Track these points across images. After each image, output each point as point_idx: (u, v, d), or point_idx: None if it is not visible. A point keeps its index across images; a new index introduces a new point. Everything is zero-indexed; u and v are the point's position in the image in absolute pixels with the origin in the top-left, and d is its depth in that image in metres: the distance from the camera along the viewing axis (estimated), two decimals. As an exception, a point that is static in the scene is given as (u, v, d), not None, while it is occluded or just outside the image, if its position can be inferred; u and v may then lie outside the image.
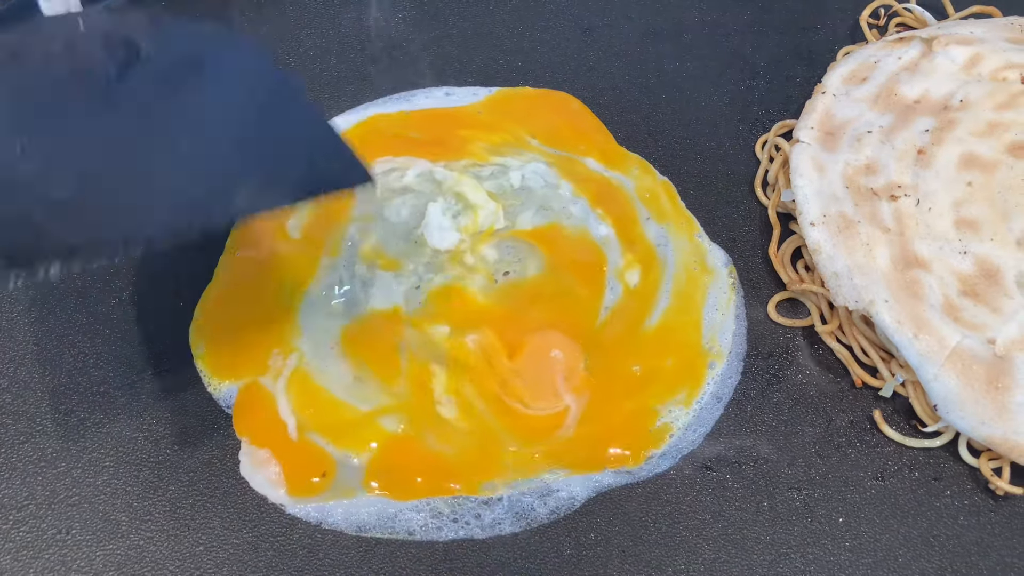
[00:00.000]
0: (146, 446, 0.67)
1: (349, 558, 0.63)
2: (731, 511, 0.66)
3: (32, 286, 0.74)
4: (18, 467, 0.66)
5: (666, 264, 0.76)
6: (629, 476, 0.67)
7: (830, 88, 0.83)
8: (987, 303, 0.69)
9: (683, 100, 0.87)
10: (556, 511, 0.65)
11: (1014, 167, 0.74)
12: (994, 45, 0.82)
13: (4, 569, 0.62)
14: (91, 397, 0.69)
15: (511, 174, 0.79)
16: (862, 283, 0.70)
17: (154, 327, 0.72)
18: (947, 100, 0.79)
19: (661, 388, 0.70)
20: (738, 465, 0.68)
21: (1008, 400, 0.66)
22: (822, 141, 0.79)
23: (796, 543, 0.65)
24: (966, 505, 0.67)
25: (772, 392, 0.71)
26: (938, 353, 0.67)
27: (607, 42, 0.91)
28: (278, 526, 0.64)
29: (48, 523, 0.64)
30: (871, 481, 0.68)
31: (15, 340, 0.72)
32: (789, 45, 0.91)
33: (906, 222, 0.73)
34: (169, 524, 0.64)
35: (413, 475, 0.66)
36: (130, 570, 0.63)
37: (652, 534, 0.65)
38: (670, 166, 0.82)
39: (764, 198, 0.81)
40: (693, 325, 0.73)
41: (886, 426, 0.70)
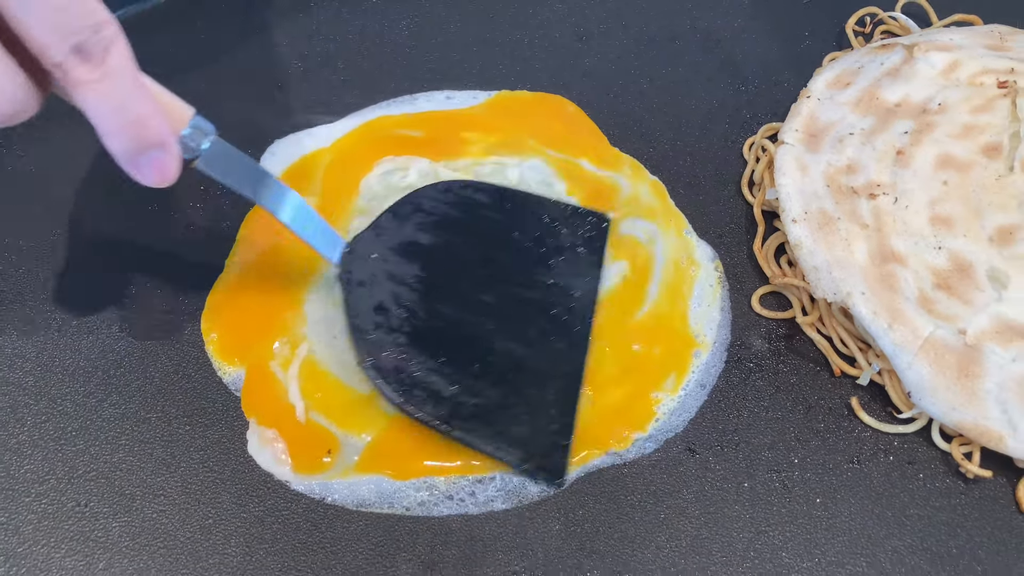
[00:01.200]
0: (159, 426, 0.71)
1: (350, 531, 0.67)
2: (713, 491, 0.69)
3: (47, 277, 0.78)
4: (40, 444, 0.70)
5: (655, 258, 0.80)
6: (616, 457, 0.70)
7: (815, 92, 0.87)
8: (959, 296, 0.72)
9: (674, 104, 0.91)
10: (546, 490, 0.69)
11: (988, 167, 0.77)
12: (972, 51, 0.86)
13: (27, 538, 0.66)
14: (108, 380, 0.73)
15: (509, 171, 0.83)
16: (840, 276, 0.74)
17: (167, 316, 0.76)
18: (926, 104, 0.83)
19: (649, 375, 0.74)
20: (720, 448, 0.71)
21: (978, 387, 0.69)
22: (806, 143, 0.82)
23: (775, 521, 0.68)
24: (938, 487, 0.70)
25: (754, 380, 0.75)
26: (912, 343, 0.70)
27: (602, 49, 0.95)
28: (284, 501, 0.68)
29: (67, 496, 0.68)
30: (848, 464, 0.71)
31: (37, 326, 0.76)
32: (777, 52, 0.95)
33: (884, 219, 0.76)
34: (181, 498, 0.68)
35: (412, 455, 0.69)
36: (143, 540, 0.66)
37: (637, 512, 0.68)
38: (661, 166, 0.86)
39: (750, 197, 0.85)
40: (680, 316, 0.77)
41: (863, 413, 0.73)
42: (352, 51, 0.94)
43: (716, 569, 0.66)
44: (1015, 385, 0.68)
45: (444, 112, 0.88)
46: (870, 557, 0.66)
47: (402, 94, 0.90)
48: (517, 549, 0.66)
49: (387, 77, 0.92)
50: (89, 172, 0.85)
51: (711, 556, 0.66)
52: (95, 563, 0.65)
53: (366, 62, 0.93)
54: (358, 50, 0.94)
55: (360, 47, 0.95)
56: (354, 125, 0.86)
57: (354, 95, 0.90)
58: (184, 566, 0.65)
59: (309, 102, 0.90)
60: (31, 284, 0.78)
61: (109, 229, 0.82)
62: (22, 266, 0.79)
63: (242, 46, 0.94)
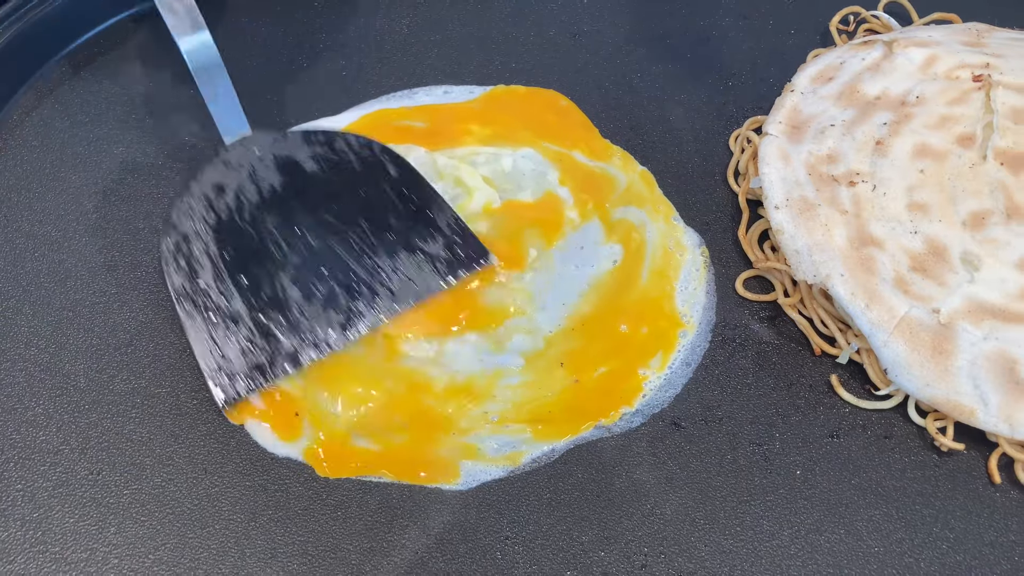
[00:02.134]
0: (168, 400, 0.75)
1: (349, 499, 0.70)
2: (697, 463, 0.72)
3: (60, 260, 0.82)
4: (54, 417, 0.74)
5: (644, 244, 0.83)
6: (604, 431, 0.74)
7: (798, 87, 0.90)
8: (934, 277, 0.75)
9: (664, 98, 0.94)
10: (537, 460, 0.72)
11: (962, 156, 0.81)
12: (950, 47, 0.89)
13: (42, 504, 0.70)
14: (120, 357, 0.77)
15: (504, 160, 0.86)
16: (820, 260, 0.77)
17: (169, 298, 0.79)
18: (904, 96, 0.86)
19: (637, 354, 0.77)
20: (704, 422, 0.74)
21: (950, 364, 0.72)
22: (788, 134, 0.86)
23: (757, 492, 0.71)
24: (913, 460, 0.73)
25: (738, 359, 0.78)
26: (888, 322, 0.74)
27: (595, 46, 0.99)
28: (286, 470, 0.71)
29: (81, 466, 0.71)
30: (827, 439, 0.74)
31: (52, 307, 0.79)
32: (764, 49, 0.99)
33: (863, 205, 0.80)
34: (188, 468, 0.71)
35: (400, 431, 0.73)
36: (153, 507, 0.70)
37: (624, 482, 0.71)
38: (650, 157, 0.89)
39: (735, 186, 0.88)
40: (667, 298, 0.80)
41: (842, 389, 0.76)
42: (353, 48, 0.98)
43: (700, 536, 0.69)
44: (986, 362, 0.71)
45: (442, 105, 0.91)
46: (848, 525, 0.69)
47: (401, 89, 0.94)
48: (508, 516, 0.69)
49: (387, 73, 0.96)
50: (97, 161, 0.89)
51: (695, 524, 0.69)
52: (107, 528, 0.69)
53: (367, 59, 0.97)
54: (359, 47, 0.98)
55: (361, 44, 0.98)
56: (356, 117, 0.90)
57: (355, 91, 0.94)
58: (191, 531, 0.68)
59: (311, 98, 0.94)
60: (45, 267, 0.82)
61: (119, 214, 0.85)
62: (36, 250, 0.83)
63: (246, 45, 0.98)
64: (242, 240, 0.77)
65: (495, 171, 0.86)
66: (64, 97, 0.93)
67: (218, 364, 0.73)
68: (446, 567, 0.67)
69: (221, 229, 0.77)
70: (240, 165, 0.79)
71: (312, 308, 0.75)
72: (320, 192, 0.79)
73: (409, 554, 0.68)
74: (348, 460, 0.71)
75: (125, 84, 0.95)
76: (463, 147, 0.87)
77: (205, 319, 0.74)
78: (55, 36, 0.95)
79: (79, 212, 0.85)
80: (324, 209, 0.79)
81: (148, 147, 0.90)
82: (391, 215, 0.79)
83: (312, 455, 0.71)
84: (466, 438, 0.72)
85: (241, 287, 0.75)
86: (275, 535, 0.68)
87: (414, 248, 0.78)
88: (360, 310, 0.76)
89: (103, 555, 0.67)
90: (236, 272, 0.76)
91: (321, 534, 0.68)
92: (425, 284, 0.77)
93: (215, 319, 0.74)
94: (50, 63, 0.95)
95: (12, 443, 0.72)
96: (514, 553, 0.68)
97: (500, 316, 0.78)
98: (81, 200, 0.86)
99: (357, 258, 0.77)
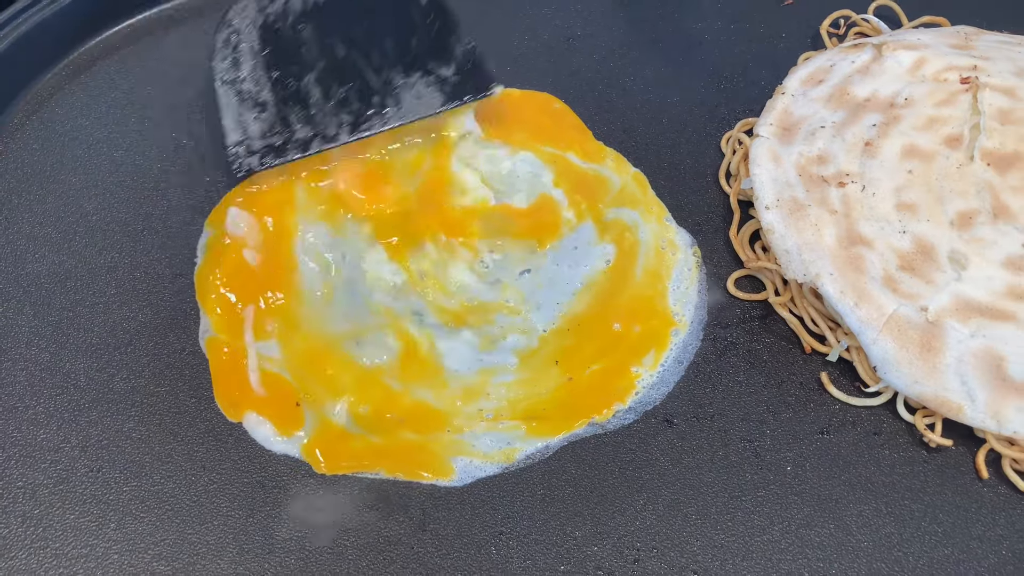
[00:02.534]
0: (167, 398, 0.76)
1: (346, 496, 0.71)
2: (689, 459, 0.73)
3: (60, 260, 0.83)
4: (55, 415, 0.75)
5: (637, 244, 0.84)
6: (598, 428, 0.75)
7: (789, 89, 0.91)
8: (922, 276, 0.77)
9: (656, 101, 0.96)
10: (531, 457, 0.73)
11: (950, 157, 0.82)
12: (938, 50, 0.91)
13: (42, 501, 0.71)
14: (119, 356, 0.78)
15: (502, 163, 0.88)
16: (810, 259, 0.78)
17: (176, 296, 0.81)
18: (893, 98, 0.88)
19: (629, 352, 0.78)
20: (696, 420, 0.75)
21: (939, 361, 0.73)
22: (779, 136, 0.87)
23: (748, 487, 0.72)
24: (902, 456, 0.74)
25: (729, 357, 0.79)
26: (877, 320, 0.75)
27: (588, 49, 1.00)
28: (284, 467, 0.72)
29: (81, 463, 0.72)
30: (817, 435, 0.75)
31: (53, 307, 0.81)
32: (755, 52, 1.00)
33: (852, 205, 0.81)
34: (187, 465, 0.72)
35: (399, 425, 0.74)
36: (152, 504, 0.71)
37: (617, 478, 0.72)
38: (643, 159, 0.91)
39: (727, 187, 0.89)
40: (660, 297, 0.81)
41: (832, 387, 0.77)
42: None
43: (692, 531, 0.70)
44: (973, 359, 0.73)
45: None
46: (838, 520, 0.70)
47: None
48: (503, 512, 0.70)
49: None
50: (97, 164, 0.90)
51: (687, 519, 0.70)
52: (107, 524, 0.69)
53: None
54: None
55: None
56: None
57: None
58: (189, 527, 0.69)
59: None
60: (46, 268, 0.83)
61: (118, 217, 0.86)
62: (37, 251, 0.84)
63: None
64: (281, 41, 0.89)
65: (492, 172, 0.87)
66: (65, 101, 0.94)
67: (240, 139, 0.84)
68: (441, 562, 0.68)
69: (266, 28, 0.90)
70: None
71: (328, 106, 0.85)
72: (356, 8, 0.91)
73: (405, 549, 0.69)
74: (344, 457, 0.72)
75: (125, 89, 0.96)
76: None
77: (239, 100, 0.86)
78: (56, 41, 0.96)
79: (79, 214, 0.86)
80: (356, 24, 0.90)
81: (148, 150, 0.91)
82: (413, 37, 0.89)
83: (309, 452, 0.72)
84: (461, 435, 0.73)
85: (272, 79, 0.87)
86: (272, 531, 0.69)
87: (428, 70, 0.86)
88: (368, 115, 0.84)
89: (103, 551, 0.68)
90: (271, 67, 0.87)
91: (319, 529, 0.69)
92: (430, 102, 0.84)
93: (247, 102, 0.86)
94: (51, 67, 0.96)
95: (13, 441, 0.73)
96: (509, 548, 0.69)
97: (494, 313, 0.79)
98: (81, 202, 0.87)
99: (375, 71, 0.86)
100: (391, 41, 0.88)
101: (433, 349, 0.77)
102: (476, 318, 0.79)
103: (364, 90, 0.86)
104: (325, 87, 0.86)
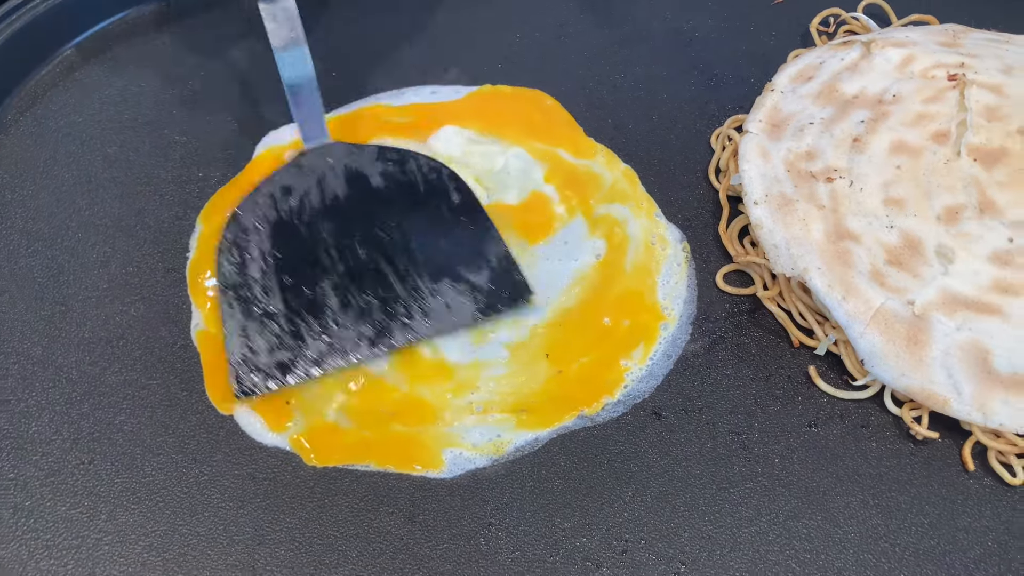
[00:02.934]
0: (159, 391, 0.76)
1: (336, 487, 0.71)
2: (677, 451, 0.74)
3: (54, 255, 0.83)
4: (47, 408, 0.75)
5: (627, 239, 0.85)
6: (587, 420, 0.75)
7: (778, 86, 0.92)
8: (909, 270, 0.77)
9: (647, 98, 0.96)
10: (521, 449, 0.74)
11: (937, 152, 0.83)
12: (926, 47, 0.91)
13: (33, 493, 0.71)
14: (111, 350, 0.78)
15: (495, 159, 0.88)
16: (798, 253, 0.79)
17: (169, 290, 0.82)
18: (882, 95, 0.88)
19: (618, 345, 0.78)
20: (685, 412, 0.76)
21: (925, 354, 0.74)
22: (768, 132, 0.88)
23: (736, 479, 0.72)
24: (889, 448, 0.74)
25: (718, 351, 0.79)
26: (864, 313, 0.75)
27: (579, 47, 1.01)
28: (274, 459, 0.73)
29: (73, 455, 0.73)
30: (805, 428, 0.75)
31: (46, 301, 0.81)
32: (745, 50, 1.01)
33: (840, 200, 0.81)
34: (178, 457, 0.73)
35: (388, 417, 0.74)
36: (143, 495, 0.71)
37: (606, 470, 0.73)
38: (633, 155, 0.91)
39: (716, 183, 0.90)
40: (649, 292, 0.82)
41: (820, 380, 0.78)
42: (342, 49, 1.00)
43: (680, 522, 0.70)
44: (959, 352, 0.73)
45: (430, 104, 0.93)
46: (825, 512, 0.71)
47: (388, 89, 0.96)
48: (492, 503, 0.71)
49: (375, 73, 0.97)
50: (90, 159, 0.91)
51: (676, 510, 0.71)
52: (97, 516, 0.70)
53: (355, 60, 0.99)
54: (348, 48, 1.00)
55: (349, 45, 1.00)
56: (344, 111, 0.92)
57: (342, 92, 0.96)
58: (180, 519, 0.70)
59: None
60: (39, 262, 0.83)
61: (111, 212, 0.87)
62: (30, 246, 0.84)
63: (238, 46, 1.00)
64: (295, 241, 0.79)
65: (484, 171, 0.88)
66: (58, 97, 0.95)
67: (244, 356, 0.74)
68: (430, 553, 0.69)
69: (279, 228, 0.80)
70: (312, 171, 0.82)
71: (346, 318, 0.76)
72: (380, 207, 0.82)
73: (395, 541, 0.69)
74: (335, 449, 0.72)
75: (119, 85, 0.96)
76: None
77: (244, 310, 0.76)
78: (50, 37, 0.97)
79: (72, 209, 0.87)
80: (380, 225, 0.81)
81: (141, 146, 0.91)
82: (443, 240, 0.81)
83: (300, 444, 0.73)
84: (451, 427, 0.74)
85: (284, 286, 0.77)
86: (263, 523, 0.70)
87: (459, 277, 0.79)
88: (392, 328, 0.76)
89: (93, 542, 0.69)
90: (283, 271, 0.78)
91: (308, 521, 0.70)
92: (461, 315, 0.77)
93: (253, 311, 0.76)
94: (45, 64, 0.97)
95: (5, 433, 0.74)
96: (497, 539, 0.69)
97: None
98: (74, 198, 0.87)
99: (401, 277, 0.78)
100: (419, 243, 0.80)
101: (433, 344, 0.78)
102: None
103: (388, 298, 0.77)
104: (343, 294, 0.77)
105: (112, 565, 0.68)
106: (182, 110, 0.93)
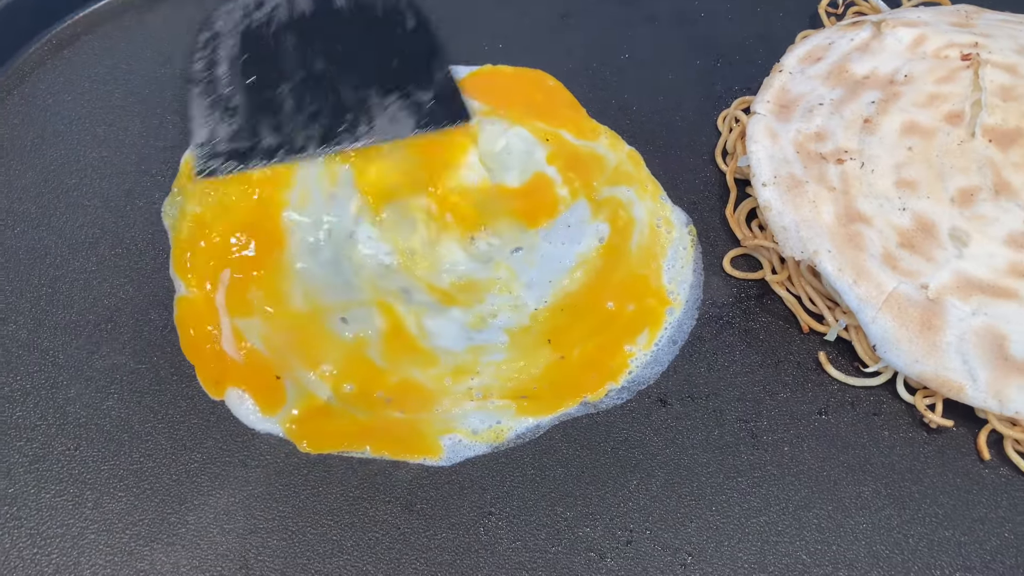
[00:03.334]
0: (148, 376, 0.74)
1: (331, 475, 0.69)
2: (683, 439, 0.72)
3: (40, 237, 0.81)
4: (32, 392, 0.73)
5: (632, 222, 0.82)
6: (590, 407, 0.73)
7: (787, 67, 0.90)
8: (922, 253, 0.75)
9: (652, 79, 0.94)
10: (522, 436, 0.71)
11: (951, 133, 0.80)
12: (938, 28, 0.89)
13: (18, 480, 0.69)
14: (99, 333, 0.76)
15: (497, 139, 0.86)
16: (808, 236, 0.76)
17: (157, 272, 0.79)
18: (893, 75, 0.86)
19: (623, 330, 0.76)
20: (691, 399, 0.74)
21: (939, 340, 0.71)
22: (776, 113, 0.85)
23: (744, 468, 0.70)
24: (901, 437, 0.72)
25: (725, 337, 0.77)
26: (876, 298, 0.73)
27: (583, 27, 0.98)
28: (267, 446, 0.70)
29: (59, 441, 0.70)
30: (815, 416, 0.73)
31: (31, 283, 0.78)
32: (752, 31, 0.98)
33: (851, 182, 0.79)
34: (167, 444, 0.70)
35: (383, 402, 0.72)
36: (131, 482, 0.68)
37: (609, 458, 0.70)
38: (638, 137, 0.89)
39: (723, 165, 0.87)
40: (654, 276, 0.79)
41: (830, 367, 0.75)
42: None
43: (686, 512, 0.68)
44: (975, 337, 0.71)
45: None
46: (836, 502, 0.69)
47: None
48: (492, 492, 0.69)
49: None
50: (78, 139, 0.88)
51: (681, 500, 0.69)
52: (83, 504, 0.67)
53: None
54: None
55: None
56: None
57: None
58: (169, 507, 0.67)
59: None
60: (25, 243, 0.81)
61: (99, 191, 0.84)
62: (16, 226, 0.82)
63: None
64: (261, 49, 0.88)
65: (488, 151, 0.85)
66: (46, 76, 0.93)
67: (207, 139, 0.82)
68: (428, 543, 0.66)
69: (248, 35, 0.89)
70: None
71: (299, 118, 0.84)
72: (340, 25, 0.91)
73: (391, 530, 0.67)
74: (329, 436, 0.70)
75: (108, 64, 0.94)
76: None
77: (210, 102, 0.85)
78: (39, 15, 0.94)
79: (60, 189, 0.84)
80: (338, 40, 0.89)
81: (130, 126, 0.89)
82: (394, 59, 0.88)
83: (292, 430, 0.70)
84: (450, 414, 0.72)
85: (247, 87, 0.85)
86: (255, 511, 0.67)
87: (405, 93, 0.85)
88: (338, 132, 0.83)
89: (79, 530, 0.66)
90: (247, 73, 0.86)
91: (301, 510, 0.68)
92: (403, 126, 0.83)
93: (218, 103, 0.84)
94: (34, 42, 0.95)
95: (-12, 419, 0.71)
96: (498, 529, 0.67)
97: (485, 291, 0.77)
98: (62, 178, 0.85)
99: (352, 89, 0.86)
100: (372, 60, 0.88)
101: (420, 327, 0.75)
102: (466, 296, 0.77)
103: (337, 106, 0.85)
104: (299, 98, 0.85)
105: (98, 555, 0.65)
106: (173, 89, 0.91)
